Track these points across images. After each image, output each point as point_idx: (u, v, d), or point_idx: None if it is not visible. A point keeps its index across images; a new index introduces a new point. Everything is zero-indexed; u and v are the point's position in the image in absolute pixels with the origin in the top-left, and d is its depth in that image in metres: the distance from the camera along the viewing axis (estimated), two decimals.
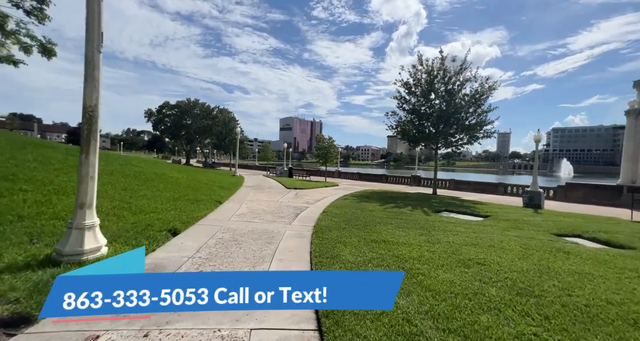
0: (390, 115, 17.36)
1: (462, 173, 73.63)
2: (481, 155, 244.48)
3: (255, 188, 14.63)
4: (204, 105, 45.22)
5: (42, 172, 6.67)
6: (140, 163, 12.24)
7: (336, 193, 14.28)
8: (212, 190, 10.36)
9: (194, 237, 4.97)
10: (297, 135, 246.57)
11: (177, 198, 7.72)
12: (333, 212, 8.44)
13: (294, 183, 18.54)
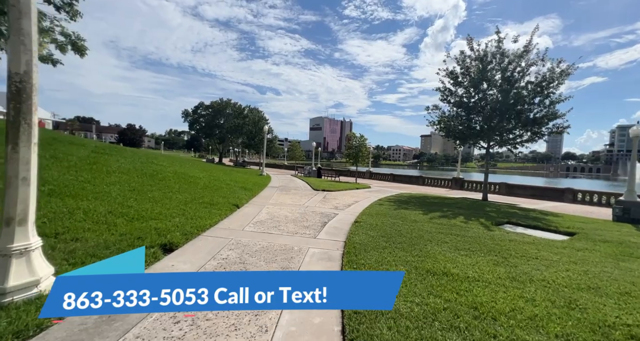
0: (432, 109, 15.28)
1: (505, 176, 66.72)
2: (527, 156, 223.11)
3: (280, 189, 13.61)
4: (236, 104, 45.99)
5: (49, 170, 6.16)
6: (163, 162, 11.84)
7: (369, 197, 12.72)
8: (232, 191, 9.45)
9: (190, 256, 3.88)
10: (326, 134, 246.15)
11: (190, 201, 6.83)
12: (368, 222, 6.97)
13: (322, 184, 17.29)
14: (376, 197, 12.86)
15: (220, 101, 45.36)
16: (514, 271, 3.93)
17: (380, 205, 10.29)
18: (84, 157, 8.57)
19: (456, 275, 3.72)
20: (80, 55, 11.33)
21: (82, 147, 10.15)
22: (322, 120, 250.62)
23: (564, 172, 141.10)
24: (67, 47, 11.06)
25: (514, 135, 13.23)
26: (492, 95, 12.94)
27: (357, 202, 11.05)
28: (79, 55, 11.34)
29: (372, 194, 14.35)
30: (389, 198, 12.75)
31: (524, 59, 12.16)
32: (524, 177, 76.26)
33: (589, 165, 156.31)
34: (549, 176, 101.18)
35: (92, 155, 9.29)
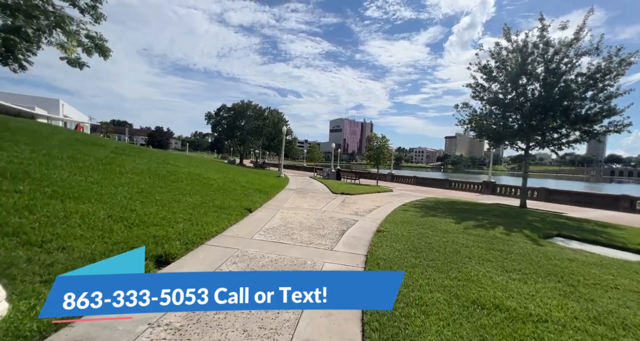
0: (461, 108, 14.07)
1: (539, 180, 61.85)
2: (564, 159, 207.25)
3: (297, 191, 13.06)
4: (256, 106, 46.48)
5: (61, 170, 6.02)
6: (180, 163, 11.72)
7: (392, 201, 11.80)
8: (246, 194, 9.02)
9: (186, 271, 3.35)
10: (346, 136, 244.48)
11: (200, 204, 6.42)
12: (392, 231, 6.17)
13: (341, 186, 16.55)
14: (400, 202, 11.92)
15: (242, 103, 46.09)
16: (593, 309, 2.99)
17: (405, 211, 9.38)
18: (102, 157, 8.53)
19: (513, 310, 2.87)
20: (104, 57, 11.53)
21: (103, 148, 10.23)
22: (342, 122, 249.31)
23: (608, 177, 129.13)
24: (92, 50, 11.30)
25: (559, 134, 11.72)
26: (533, 90, 11.54)
27: (379, 207, 10.21)
28: (103, 57, 11.55)
29: (395, 198, 13.39)
30: (413, 203, 11.76)
31: (573, 49, 10.70)
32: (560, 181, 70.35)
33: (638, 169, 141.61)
34: (590, 180, 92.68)
35: (111, 155, 9.28)
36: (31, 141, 7.96)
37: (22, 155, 6.35)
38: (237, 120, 45.66)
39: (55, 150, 7.64)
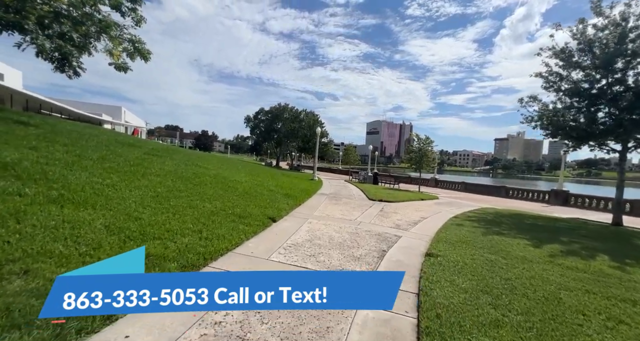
0: (527, 102, 11.72)
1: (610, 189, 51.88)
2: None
3: (330, 197, 11.97)
4: (292, 109, 46.73)
5: (81, 172, 5.77)
6: (209, 164, 11.43)
7: (440, 212, 10.07)
8: (273, 199, 8.20)
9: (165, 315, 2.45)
10: (384, 139, 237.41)
11: (217, 211, 5.69)
12: (449, 256, 4.72)
13: (379, 192, 15.06)
14: (449, 213, 10.12)
15: (278, 106, 46.75)
16: None
17: (459, 225, 7.69)
18: (132, 158, 8.43)
19: None
20: (145, 60, 11.80)
21: (138, 149, 10.32)
22: (379, 124, 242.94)
23: None
24: (135, 55, 11.64)
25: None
26: (637, 75, 8.92)
27: (425, 219, 8.64)
28: (144, 60, 11.84)
29: (443, 208, 11.54)
30: (467, 215, 9.87)
31: None
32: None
33: None
34: None
35: (143, 156, 9.22)
36: (71, 142, 8.10)
37: (53, 156, 6.27)
38: (273, 122, 46.39)
39: (88, 151, 7.62)
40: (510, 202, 17.80)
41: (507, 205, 15.86)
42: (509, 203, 16.66)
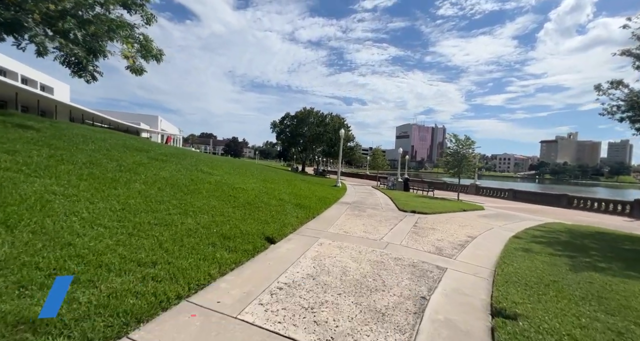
0: (610, 87, 9.15)
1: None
2: None
3: (353, 207, 10.30)
4: (318, 113, 45.74)
5: (47, 179, 4.85)
6: (218, 169, 10.40)
7: (491, 228, 7.91)
8: (280, 211, 6.80)
9: None
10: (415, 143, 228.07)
11: (197, 230, 4.39)
12: (535, 318, 2.86)
13: (410, 201, 13.02)
14: (505, 229, 7.92)
15: (304, 110, 46.05)
16: None
17: (527, 251, 5.58)
18: (130, 163, 7.61)
19: None
20: (157, 61, 11.30)
21: (145, 153, 9.63)
22: (409, 128, 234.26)
23: None
24: (148, 56, 11.17)
25: None
26: None
27: (474, 239, 6.63)
28: (156, 61, 11.33)
29: (493, 222, 9.27)
30: (530, 233, 7.59)
31: None
32: None
33: None
34: None
35: (144, 161, 8.42)
36: (66, 146, 7.47)
37: (26, 160, 5.50)
38: (299, 127, 45.74)
39: (79, 155, 6.88)
40: (577, 214, 14.57)
41: (575, 218, 12.85)
42: (577, 216, 13.55)
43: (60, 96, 30.10)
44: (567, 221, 11.22)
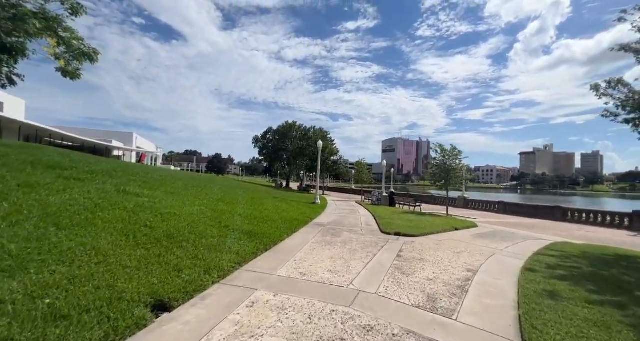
0: (608, 88, 8.17)
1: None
2: None
3: (327, 230, 8.52)
4: (301, 127, 44.58)
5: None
6: (152, 190, 8.33)
7: (492, 255, 6.28)
8: (215, 245, 4.96)
9: None
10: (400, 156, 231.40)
11: (14, 301, 2.47)
12: None
13: (396, 219, 11.38)
14: (509, 255, 6.33)
15: (286, 124, 44.79)
16: None
17: (553, 296, 3.95)
18: (18, 184, 5.59)
19: None
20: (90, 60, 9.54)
21: (58, 171, 7.59)
22: (395, 142, 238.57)
23: None
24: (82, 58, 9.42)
25: None
26: None
27: (476, 273, 4.98)
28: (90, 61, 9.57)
29: (491, 243, 7.71)
30: (541, 260, 6.01)
31: None
32: None
33: None
34: None
35: (49, 181, 6.40)
36: None
37: None
38: (281, 141, 44.18)
39: None
40: (576, 228, 13.35)
41: (577, 234, 11.55)
42: (578, 232, 12.29)
43: (13, 112, 27.22)
44: (572, 238, 9.84)
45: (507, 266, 5.61)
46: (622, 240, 10.66)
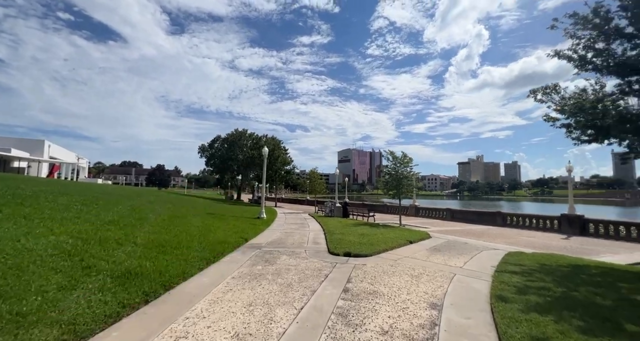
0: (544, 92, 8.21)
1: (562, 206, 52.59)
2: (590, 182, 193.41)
3: (260, 254, 6.74)
4: (252, 135, 42.03)
5: None
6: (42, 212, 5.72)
7: (452, 276, 5.22)
8: (36, 311, 2.84)
9: None
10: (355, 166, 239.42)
11: None
12: None
13: (347, 233, 10.09)
14: (470, 275, 5.36)
15: (235, 132, 41.82)
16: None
17: None
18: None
19: None
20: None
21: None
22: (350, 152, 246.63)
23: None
24: None
25: None
26: None
27: (442, 311, 3.75)
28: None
29: (448, 259, 6.80)
30: (506, 280, 5.14)
31: None
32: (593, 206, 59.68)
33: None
34: (625, 205, 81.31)
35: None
36: None
37: None
38: (230, 151, 40.90)
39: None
40: (518, 233, 13.74)
41: (521, 240, 11.67)
42: (520, 237, 12.53)
43: None
44: (519, 246, 9.69)
45: (474, 294, 4.55)
46: (559, 244, 11.00)
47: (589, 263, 7.18)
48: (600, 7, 6.89)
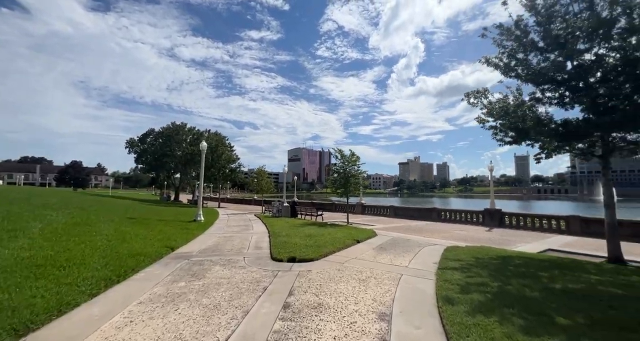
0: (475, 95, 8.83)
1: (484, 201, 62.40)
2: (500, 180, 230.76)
3: (188, 266, 5.60)
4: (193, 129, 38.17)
5: None
6: None
7: (399, 277, 5.01)
8: None
9: None
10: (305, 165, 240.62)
11: None
12: None
13: (293, 235, 9.43)
14: (415, 274, 5.23)
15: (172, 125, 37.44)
16: None
17: None
18: None
19: None
20: None
21: None
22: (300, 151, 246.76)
23: (536, 194, 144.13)
24: None
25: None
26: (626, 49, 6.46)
27: (391, 322, 3.38)
28: None
29: (394, 258, 6.71)
30: (448, 277, 5.13)
31: None
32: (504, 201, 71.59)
33: (557, 187, 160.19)
34: (523, 199, 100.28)
35: None
36: None
37: None
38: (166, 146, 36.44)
39: None
40: (451, 228, 14.97)
41: (455, 234, 12.64)
42: (454, 231, 13.61)
43: None
44: (455, 240, 10.38)
45: (422, 297, 4.34)
46: (485, 236, 12.26)
47: (512, 254, 7.91)
48: (520, 21, 7.60)
